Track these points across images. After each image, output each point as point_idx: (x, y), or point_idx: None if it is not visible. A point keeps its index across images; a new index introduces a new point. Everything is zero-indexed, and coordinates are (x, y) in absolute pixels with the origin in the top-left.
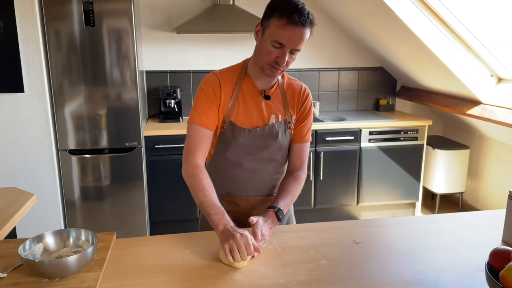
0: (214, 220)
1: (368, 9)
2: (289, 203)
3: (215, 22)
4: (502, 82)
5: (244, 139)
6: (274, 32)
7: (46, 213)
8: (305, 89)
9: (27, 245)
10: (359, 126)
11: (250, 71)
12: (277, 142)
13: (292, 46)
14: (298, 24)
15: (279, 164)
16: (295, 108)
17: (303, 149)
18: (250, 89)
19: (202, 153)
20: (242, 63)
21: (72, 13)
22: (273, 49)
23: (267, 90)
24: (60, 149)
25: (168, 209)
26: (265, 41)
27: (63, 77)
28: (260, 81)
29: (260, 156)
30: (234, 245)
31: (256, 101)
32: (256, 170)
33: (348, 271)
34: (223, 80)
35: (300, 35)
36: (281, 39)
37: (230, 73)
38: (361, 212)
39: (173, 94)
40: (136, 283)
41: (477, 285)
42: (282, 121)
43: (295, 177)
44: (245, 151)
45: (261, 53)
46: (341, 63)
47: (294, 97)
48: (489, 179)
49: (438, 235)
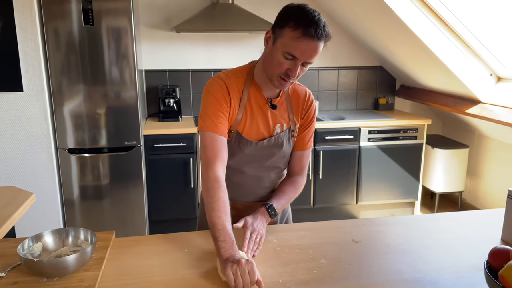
0: (222, 248)
1: (367, 9)
2: (283, 203)
3: (215, 21)
4: (501, 81)
5: (249, 150)
6: (288, 43)
7: (45, 212)
8: (309, 96)
9: (26, 244)
10: (359, 125)
11: (257, 78)
12: (281, 151)
13: (305, 59)
14: (314, 37)
15: (280, 170)
16: (299, 115)
17: (304, 156)
18: (257, 97)
19: (222, 162)
20: (247, 67)
21: (71, 12)
22: (284, 60)
23: (273, 99)
24: (59, 148)
25: (167, 208)
26: (276, 51)
27: (62, 76)
28: (268, 89)
29: (263, 164)
30: (238, 271)
31: (262, 110)
32: (259, 177)
33: (347, 270)
34: (230, 86)
35: (315, 49)
36: (294, 51)
37: (236, 79)
38: (361, 211)
39: (172, 93)
40: (135, 282)
41: (476, 284)
42: (286, 130)
43: (293, 181)
44: (249, 160)
45: (271, 63)
46: (340, 62)
47: (299, 104)
48: (488, 178)
49: (437, 234)
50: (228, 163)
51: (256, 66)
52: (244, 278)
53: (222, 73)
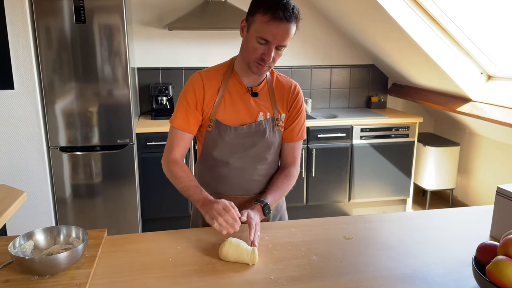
0: (194, 200)
1: (359, 6)
2: (278, 198)
3: (207, 19)
4: (491, 80)
5: (230, 137)
6: (259, 28)
7: (37, 211)
8: (295, 87)
9: (17, 242)
10: (351, 123)
11: (237, 68)
12: (264, 139)
13: (278, 42)
14: (282, 19)
15: (269, 163)
16: (284, 106)
17: (295, 148)
18: (236, 86)
19: (179, 151)
20: (229, 61)
21: (62, 9)
22: (258, 45)
23: (254, 87)
24: (51, 146)
25: (160, 206)
26: (250, 38)
27: (53, 74)
28: (248, 78)
29: (247, 154)
30: (214, 213)
31: (243, 98)
32: (244, 168)
33: (338, 266)
34: (208, 80)
35: (285, 31)
36: (266, 35)
37: (215, 72)
38: (353, 208)
39: (165, 91)
40: (127, 280)
41: (464, 279)
42: (270, 118)
43: (286, 174)
44: (232, 149)
45: (247, 50)
46: (333, 61)
47: (283, 94)
48: (478, 175)
49: (428, 231)
50: (212, 155)
51: (236, 58)
52: (225, 217)
53: (204, 69)
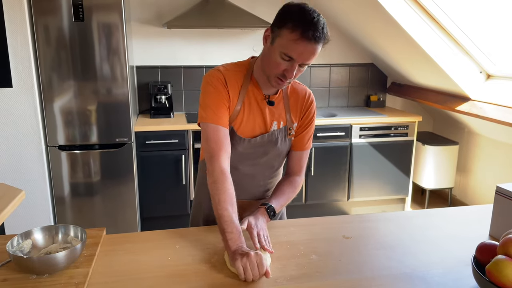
0: (229, 239)
1: (359, 5)
2: (283, 203)
3: (207, 17)
4: (491, 79)
5: (243, 147)
6: (285, 44)
7: (35, 210)
8: (309, 95)
9: (15, 241)
10: (350, 122)
11: (256, 75)
12: (276, 149)
13: (302, 61)
14: (311, 40)
15: (275, 169)
16: (297, 115)
17: (303, 157)
18: (255, 93)
19: (226, 154)
20: (247, 63)
21: (61, 7)
22: (281, 61)
23: (271, 95)
24: (49, 145)
25: (158, 205)
26: (274, 51)
27: (52, 72)
28: (265, 86)
29: (258, 162)
30: (247, 264)
31: (260, 106)
32: (254, 175)
33: (337, 265)
34: (229, 79)
35: (312, 51)
36: (291, 53)
37: (235, 73)
38: (352, 207)
39: (164, 90)
40: (126, 279)
41: (463, 279)
42: (283, 127)
43: (291, 181)
44: (243, 157)
45: (268, 63)
46: (332, 59)
47: (298, 103)
48: (477, 174)
49: (427, 230)
50: None
51: (255, 63)
52: (254, 271)
53: (221, 66)
